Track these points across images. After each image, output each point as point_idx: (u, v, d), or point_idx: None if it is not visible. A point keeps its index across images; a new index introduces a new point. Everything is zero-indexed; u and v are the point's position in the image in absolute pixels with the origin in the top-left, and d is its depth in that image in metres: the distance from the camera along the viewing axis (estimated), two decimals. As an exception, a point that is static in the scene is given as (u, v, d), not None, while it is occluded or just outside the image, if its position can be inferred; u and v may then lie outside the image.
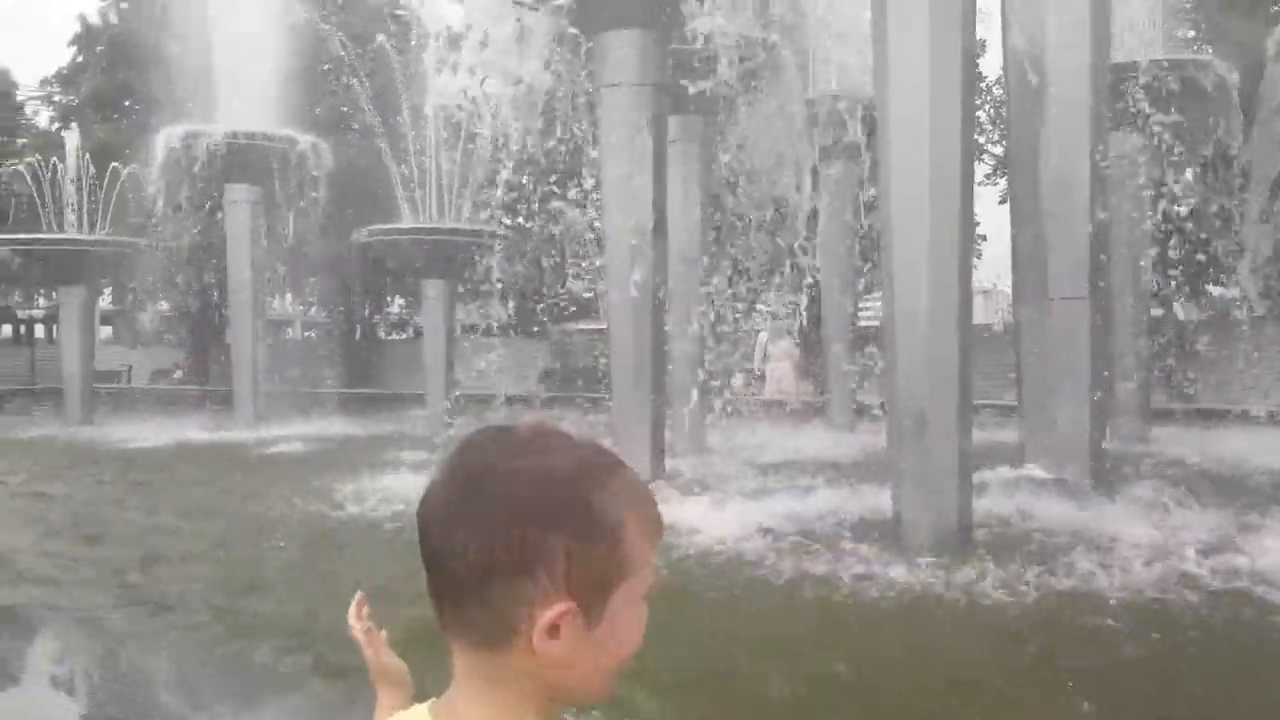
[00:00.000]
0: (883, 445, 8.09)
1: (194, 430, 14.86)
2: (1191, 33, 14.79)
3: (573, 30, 8.72)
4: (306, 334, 31.72)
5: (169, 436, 14.11)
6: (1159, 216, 12.94)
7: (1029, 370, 9.59)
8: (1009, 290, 14.62)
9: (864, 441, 11.76)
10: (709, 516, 6.90)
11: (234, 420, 15.33)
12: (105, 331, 34.54)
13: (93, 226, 18.35)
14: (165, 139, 14.73)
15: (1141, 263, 12.68)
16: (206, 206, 15.63)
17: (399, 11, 21.90)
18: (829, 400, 15.08)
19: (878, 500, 6.82)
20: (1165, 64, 11.63)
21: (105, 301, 30.28)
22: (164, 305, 26.18)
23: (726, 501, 7.51)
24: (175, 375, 28.17)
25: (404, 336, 31.12)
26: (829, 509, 7.11)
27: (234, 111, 15.22)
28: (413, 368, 20.77)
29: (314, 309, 31.01)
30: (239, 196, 15.12)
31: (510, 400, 13.75)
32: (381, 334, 31.49)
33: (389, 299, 30.84)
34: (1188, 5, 14.63)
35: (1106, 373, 9.57)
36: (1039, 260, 9.24)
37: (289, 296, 27.90)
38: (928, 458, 5.95)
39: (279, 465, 11.45)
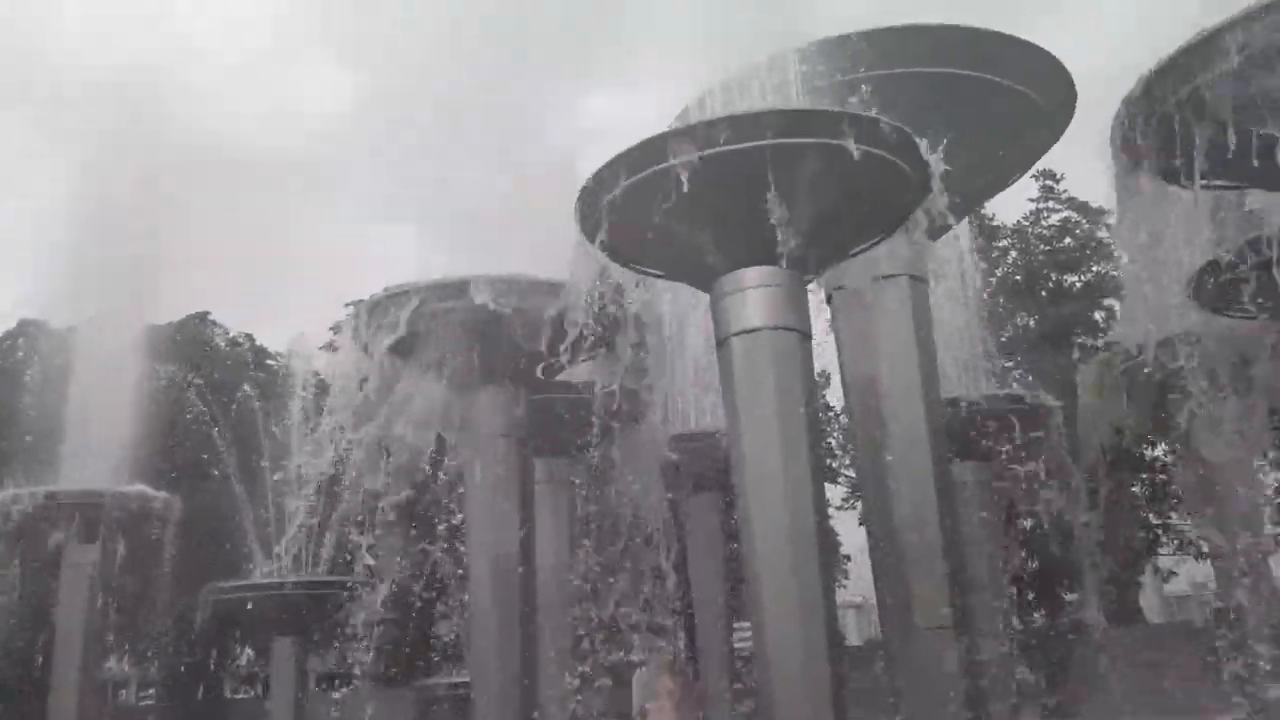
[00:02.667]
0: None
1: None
2: (1010, 364, 16.35)
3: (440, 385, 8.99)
4: (143, 696, 28.97)
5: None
6: (1008, 535, 13.55)
7: (904, 699, 9.49)
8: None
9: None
10: None
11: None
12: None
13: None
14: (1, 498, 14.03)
15: (998, 581, 13.06)
16: (32, 567, 14.67)
17: (269, 361, 22.41)
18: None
19: None
20: (998, 398, 12.73)
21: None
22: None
23: None
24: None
25: (251, 694, 28.79)
26: None
27: (85, 468, 14.72)
28: (262, 730, 19.06)
29: (154, 667, 28.57)
30: (78, 558, 14.26)
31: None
32: (227, 691, 29.05)
33: (237, 651, 28.82)
34: (1004, 339, 16.25)
35: (980, 700, 9.54)
36: (901, 587, 9.44)
37: (125, 656, 25.74)
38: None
39: None
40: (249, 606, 15.73)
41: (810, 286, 7.66)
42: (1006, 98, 8.49)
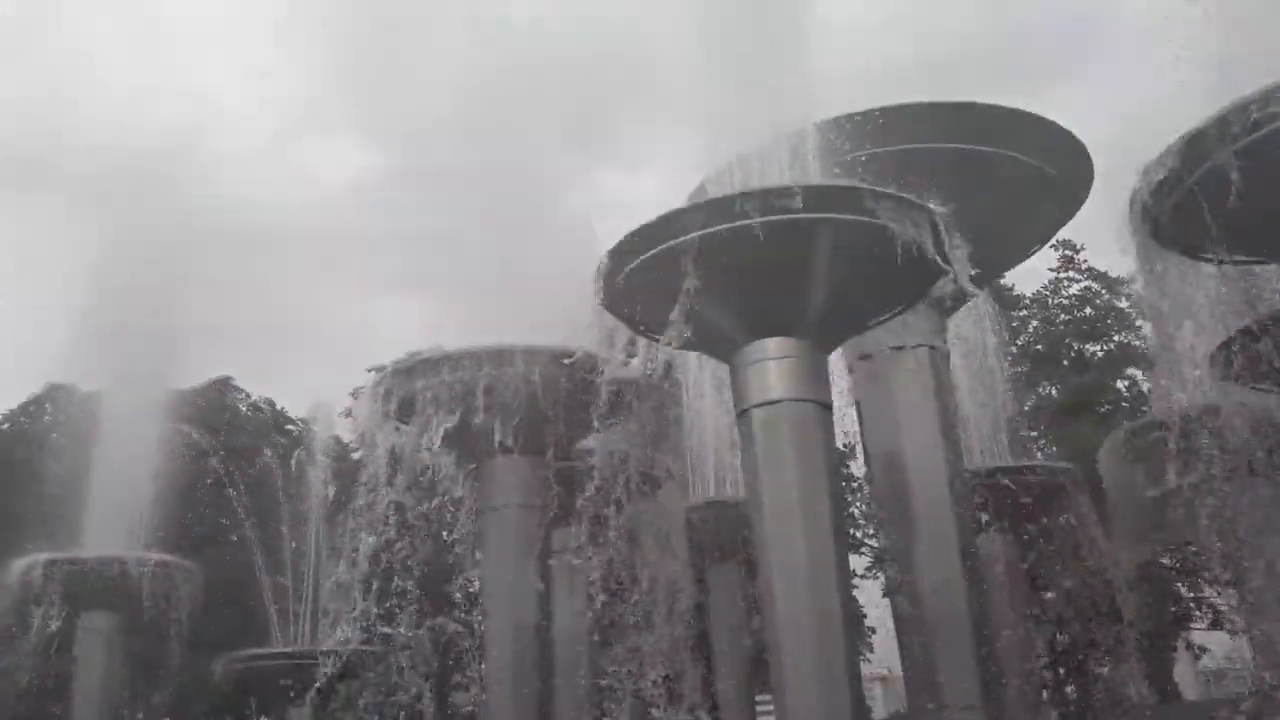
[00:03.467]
0: None
1: None
2: (1034, 433, 16.22)
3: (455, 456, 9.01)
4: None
5: None
6: (1036, 609, 13.29)
7: (934, 782, 9.23)
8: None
9: None
10: None
11: None
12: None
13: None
14: (20, 565, 14.07)
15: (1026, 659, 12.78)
16: (56, 633, 14.62)
17: (289, 426, 22.56)
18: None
19: None
20: (1020, 469, 12.60)
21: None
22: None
23: None
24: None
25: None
26: None
27: (106, 534, 14.75)
28: (275, 803, 18.75)
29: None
30: (94, 625, 14.23)
31: None
32: (243, 760, 28.61)
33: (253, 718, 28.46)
34: (1026, 409, 16.13)
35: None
36: (928, 664, 9.24)
37: (141, 722, 25.45)
38: None
39: None
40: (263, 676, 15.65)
41: (832, 357, 7.66)
42: (1023, 172, 8.56)
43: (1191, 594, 25.24)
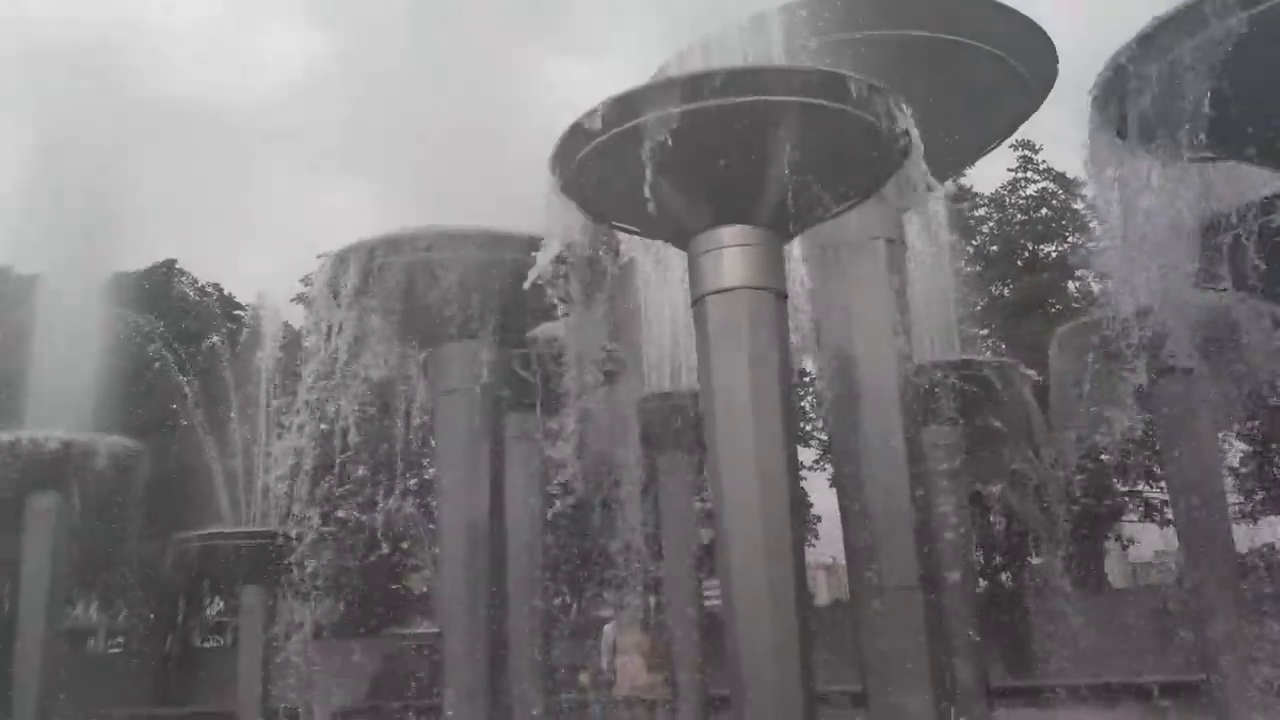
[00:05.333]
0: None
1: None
2: (985, 330, 16.48)
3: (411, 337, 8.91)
4: (111, 644, 28.95)
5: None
6: (977, 500, 13.71)
7: (870, 658, 9.62)
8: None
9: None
10: None
11: (11, 759, 13.40)
12: None
13: None
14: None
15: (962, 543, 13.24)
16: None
17: (236, 312, 22.19)
18: (678, 694, 14.67)
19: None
20: (970, 363, 12.80)
21: None
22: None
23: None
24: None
25: (221, 643, 28.85)
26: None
27: (49, 416, 14.53)
28: (230, 680, 19.12)
29: (122, 615, 28.54)
30: (42, 505, 14.15)
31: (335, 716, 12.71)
32: (196, 640, 29.10)
33: (207, 601, 28.82)
34: (979, 308, 16.34)
35: (946, 658, 9.69)
36: (868, 549, 9.53)
37: (93, 605, 25.66)
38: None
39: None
40: (217, 556, 15.77)
41: (791, 251, 7.62)
42: (987, 64, 8.43)
43: (1125, 488, 26.27)
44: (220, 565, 16.54)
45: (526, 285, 7.49)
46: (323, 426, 10.21)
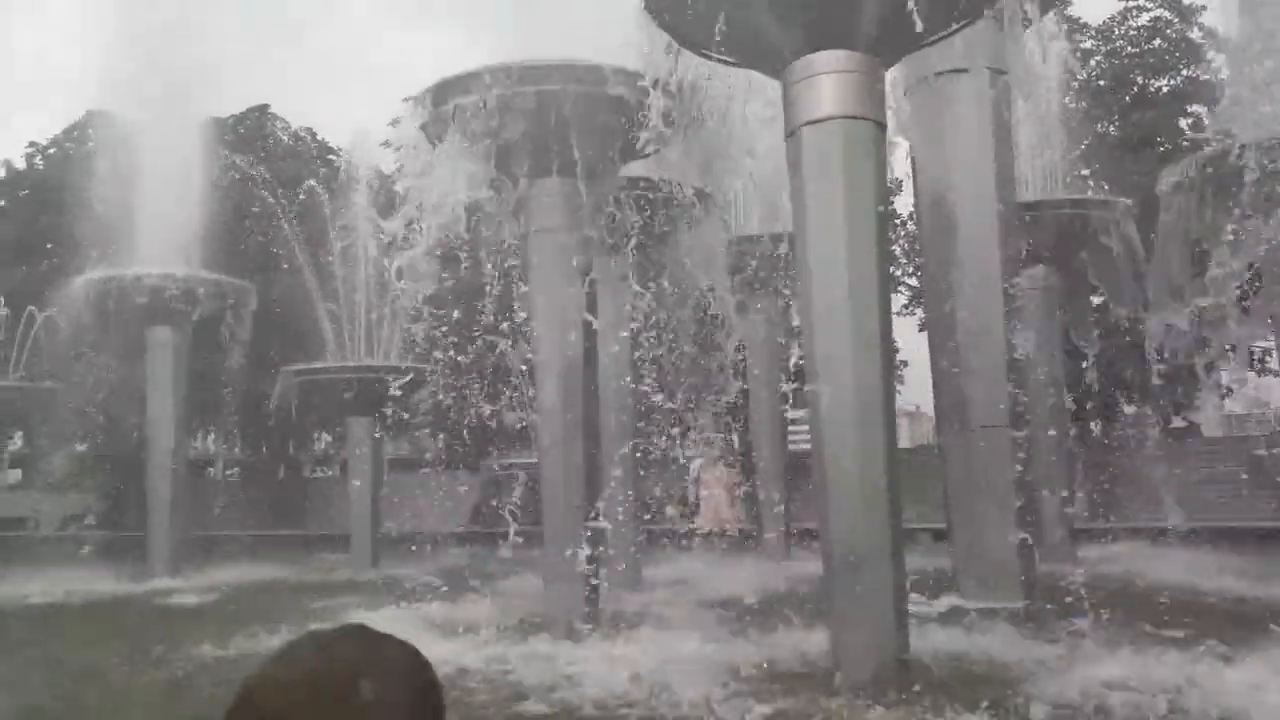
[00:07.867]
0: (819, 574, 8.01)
1: (100, 581, 13.83)
2: (1087, 171, 15.76)
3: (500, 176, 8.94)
4: (229, 473, 30.87)
5: (70, 588, 13.11)
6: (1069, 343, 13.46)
7: (956, 497, 9.76)
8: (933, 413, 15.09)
9: (803, 571, 11.59)
10: (646, 658, 6.71)
11: (148, 569, 14.64)
12: (14, 475, 33.08)
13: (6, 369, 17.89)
14: (85, 282, 14.60)
15: (1051, 390, 13.09)
16: (126, 349, 15.40)
17: (330, 156, 22.37)
18: (764, 529, 15.13)
19: (817, 637, 6.74)
20: (1069, 203, 12.32)
21: (16, 445, 29.20)
22: (80, 448, 25.32)
23: (666, 642, 7.32)
24: (87, 521, 26.97)
25: (330, 473, 30.51)
26: (768, 648, 6.98)
27: (157, 256, 15.14)
28: (339, 506, 20.33)
29: (237, 447, 30.30)
30: (161, 339, 14.93)
31: (437, 540, 13.52)
32: (306, 471, 30.83)
33: (315, 435, 30.35)
34: (1084, 147, 15.59)
35: (1031, 498, 9.77)
36: (958, 389, 9.53)
37: (211, 436, 27.25)
38: (862, 592, 5.90)
39: (190, 619, 10.52)
40: (323, 390, 16.46)
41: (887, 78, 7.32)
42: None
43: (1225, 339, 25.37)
44: (326, 398, 17.32)
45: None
46: (418, 267, 10.41)
